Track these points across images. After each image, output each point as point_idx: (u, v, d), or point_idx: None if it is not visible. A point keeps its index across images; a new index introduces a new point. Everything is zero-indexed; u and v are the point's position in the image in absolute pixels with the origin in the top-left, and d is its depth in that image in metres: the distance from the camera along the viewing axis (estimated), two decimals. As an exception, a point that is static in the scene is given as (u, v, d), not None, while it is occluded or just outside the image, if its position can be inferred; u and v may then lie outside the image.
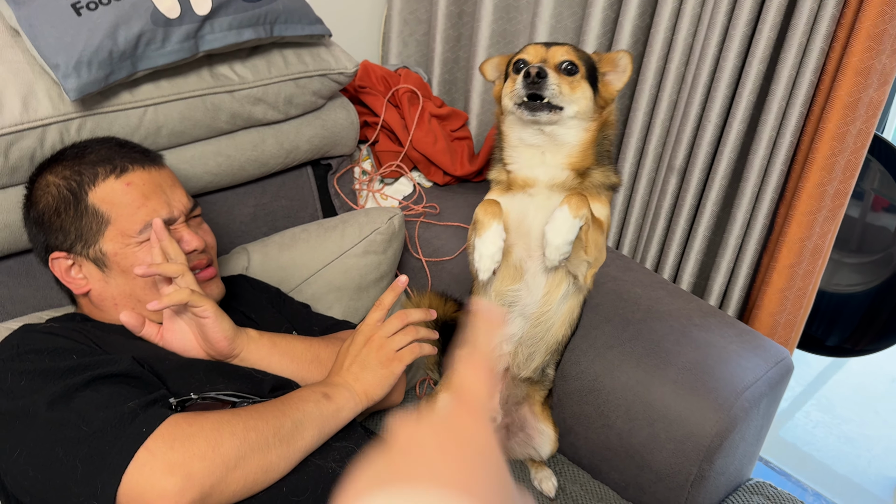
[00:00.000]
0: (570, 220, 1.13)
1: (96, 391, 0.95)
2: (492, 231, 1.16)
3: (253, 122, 1.55)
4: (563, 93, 1.18)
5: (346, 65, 1.62)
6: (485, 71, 1.35)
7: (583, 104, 1.21)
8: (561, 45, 1.24)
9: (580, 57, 1.23)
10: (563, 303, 1.29)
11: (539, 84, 1.15)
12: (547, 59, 1.22)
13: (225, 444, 0.93)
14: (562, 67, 1.20)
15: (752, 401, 1.39)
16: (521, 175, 1.26)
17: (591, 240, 1.19)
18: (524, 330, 1.31)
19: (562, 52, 1.22)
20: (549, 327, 1.30)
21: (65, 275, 1.17)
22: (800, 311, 1.77)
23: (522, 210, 1.24)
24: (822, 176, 1.58)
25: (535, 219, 1.23)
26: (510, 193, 1.27)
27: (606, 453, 1.48)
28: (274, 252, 1.58)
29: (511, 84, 1.23)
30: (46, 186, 1.17)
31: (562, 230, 1.13)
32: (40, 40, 1.23)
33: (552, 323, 1.30)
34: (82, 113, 1.28)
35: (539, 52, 1.23)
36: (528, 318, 1.29)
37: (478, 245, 1.17)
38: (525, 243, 1.23)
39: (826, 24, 1.49)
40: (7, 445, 0.94)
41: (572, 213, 1.13)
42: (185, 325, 1.14)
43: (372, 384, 1.14)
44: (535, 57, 1.23)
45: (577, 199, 1.14)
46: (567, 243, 1.14)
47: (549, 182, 1.24)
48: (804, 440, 2.49)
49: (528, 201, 1.24)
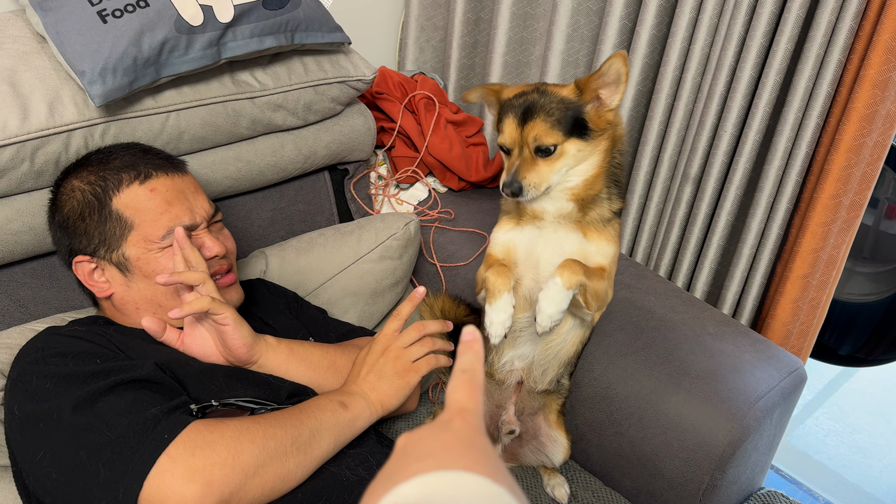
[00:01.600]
0: (563, 292, 1.16)
1: (120, 396, 0.96)
2: (503, 301, 1.20)
3: (272, 128, 1.57)
4: (543, 179, 1.21)
5: (365, 72, 1.63)
6: (469, 99, 1.35)
7: (570, 163, 1.23)
8: (533, 117, 1.19)
9: (555, 122, 1.18)
10: (572, 331, 1.32)
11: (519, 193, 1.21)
12: (523, 143, 1.21)
13: (245, 452, 0.94)
14: (538, 151, 1.21)
15: (765, 410, 1.40)
16: (529, 206, 1.29)
17: (591, 295, 1.23)
18: (535, 351, 1.33)
19: (535, 132, 1.19)
20: (560, 349, 1.33)
21: (88, 278, 1.19)
22: (813, 321, 1.77)
23: (532, 242, 1.27)
24: (837, 187, 1.58)
25: (544, 251, 1.26)
26: (520, 226, 1.30)
27: (619, 461, 1.48)
28: (291, 256, 1.59)
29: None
30: (72, 191, 1.19)
31: (555, 300, 1.16)
32: (66, 47, 1.25)
33: (563, 346, 1.33)
34: (106, 118, 1.30)
35: (514, 135, 1.22)
36: (538, 342, 1.32)
37: (489, 312, 1.21)
38: (534, 274, 1.26)
39: (844, 36, 1.49)
40: (31, 447, 0.96)
41: (565, 285, 1.16)
42: (206, 331, 1.16)
43: (388, 394, 1.15)
44: (511, 142, 1.23)
45: (570, 270, 1.17)
46: (559, 312, 1.17)
47: (556, 213, 1.27)
48: (816, 448, 2.48)
49: (536, 234, 1.28)
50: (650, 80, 1.85)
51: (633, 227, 2.01)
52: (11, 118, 1.20)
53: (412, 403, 1.36)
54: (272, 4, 1.42)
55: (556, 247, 1.25)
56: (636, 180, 1.93)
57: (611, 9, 1.76)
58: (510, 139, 1.23)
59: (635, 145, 1.94)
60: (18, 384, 1.01)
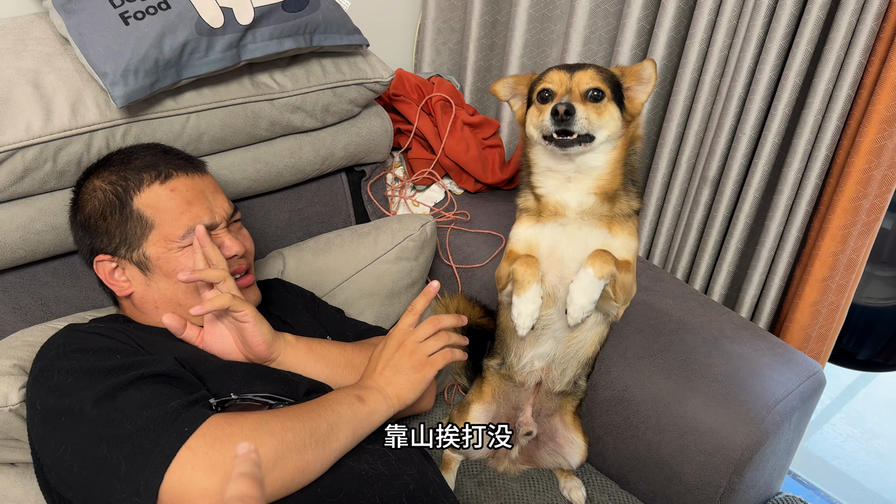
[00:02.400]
0: (595, 282, 1.16)
1: (140, 390, 0.97)
2: (531, 292, 1.20)
3: (291, 130, 1.58)
4: (592, 122, 1.18)
5: (382, 74, 1.64)
6: (497, 91, 1.34)
7: (612, 127, 1.21)
8: (584, 68, 1.22)
9: (605, 78, 1.21)
10: (594, 328, 1.31)
11: (568, 120, 1.15)
12: (571, 86, 1.20)
13: (264, 445, 0.95)
14: (588, 95, 1.20)
15: (784, 414, 1.39)
16: (551, 200, 1.27)
17: (619, 286, 1.22)
18: (556, 350, 1.33)
19: (587, 79, 1.20)
20: (580, 347, 1.32)
21: (108, 277, 1.20)
22: (832, 324, 1.76)
23: (554, 239, 1.26)
24: (857, 190, 1.57)
25: (568, 247, 1.25)
26: (541, 223, 1.28)
27: (635, 464, 1.48)
28: (308, 257, 1.60)
29: (536, 113, 1.23)
30: (93, 191, 1.20)
31: (587, 290, 1.16)
32: (89, 49, 1.26)
33: (583, 344, 1.32)
34: (128, 119, 1.31)
35: (563, 79, 1.21)
36: (560, 340, 1.31)
37: (517, 303, 1.21)
38: (558, 271, 1.26)
39: (864, 38, 1.48)
40: (52, 441, 0.97)
41: (597, 275, 1.16)
42: (226, 328, 1.16)
43: (404, 388, 1.15)
44: (559, 85, 1.21)
45: (601, 259, 1.17)
46: (591, 302, 1.17)
47: (578, 208, 1.26)
48: (833, 454, 2.46)
49: (559, 230, 1.27)
50: (668, 83, 1.84)
51: (651, 230, 2.00)
52: (35, 119, 1.22)
53: (428, 402, 1.36)
54: (291, 7, 1.43)
55: (581, 242, 1.23)
56: (654, 182, 1.92)
57: (629, 10, 1.75)
58: (557, 83, 1.21)
59: (653, 147, 1.93)
60: (40, 380, 1.03)
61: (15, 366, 1.14)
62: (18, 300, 1.34)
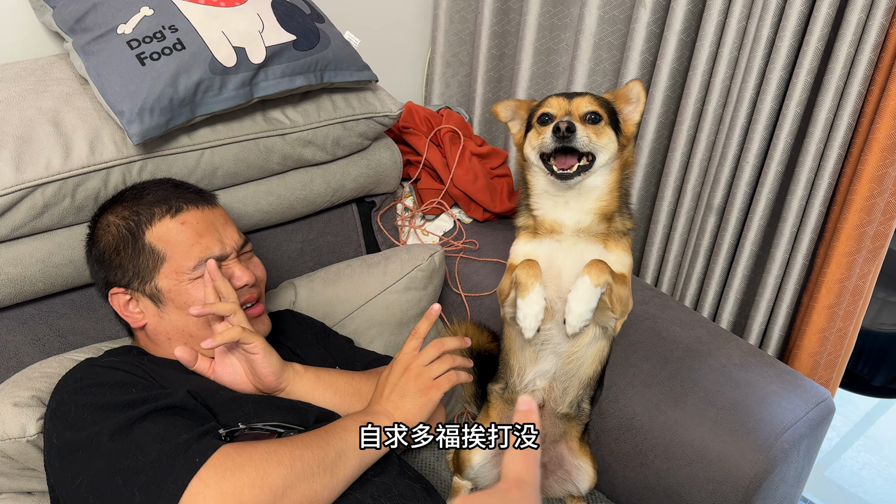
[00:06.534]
0: (591, 290, 1.18)
1: (153, 423, 0.99)
2: (535, 292, 1.22)
3: (302, 163, 1.62)
4: (593, 141, 1.23)
5: (391, 108, 1.68)
6: (498, 112, 1.39)
7: (611, 148, 1.26)
8: (581, 95, 1.28)
9: (601, 104, 1.27)
10: (593, 343, 1.32)
11: (569, 137, 1.20)
12: (571, 110, 1.26)
13: (273, 474, 0.96)
14: (586, 118, 1.25)
15: (793, 442, 1.39)
16: (548, 218, 1.31)
17: (616, 298, 1.24)
18: (557, 367, 1.34)
19: (584, 103, 1.26)
20: (580, 364, 1.33)
21: (123, 309, 1.23)
22: (841, 351, 1.76)
23: (551, 254, 1.29)
24: (861, 217, 1.58)
25: (565, 262, 1.27)
26: (538, 239, 1.31)
27: (644, 492, 1.48)
28: (319, 287, 1.63)
29: (536, 135, 1.27)
30: (107, 226, 1.24)
31: (584, 298, 1.18)
32: (107, 89, 1.31)
33: (583, 361, 1.33)
34: (144, 155, 1.35)
35: (562, 104, 1.27)
36: (560, 355, 1.32)
37: (521, 306, 1.22)
38: (555, 286, 1.27)
39: (863, 68, 1.50)
40: (69, 474, 0.99)
41: (594, 283, 1.18)
42: (236, 360, 1.19)
43: (411, 412, 1.16)
44: (558, 109, 1.27)
45: (597, 268, 1.19)
46: (589, 310, 1.19)
47: (575, 226, 1.29)
48: (851, 482, 2.43)
49: (556, 246, 1.29)
50: (672, 113, 1.87)
51: (658, 258, 2.01)
52: (55, 156, 1.26)
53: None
54: (302, 45, 1.47)
55: (577, 258, 1.26)
56: (660, 210, 1.94)
57: (632, 43, 1.78)
58: (557, 107, 1.27)
59: (658, 176, 1.95)
60: (57, 414, 1.05)
61: (33, 397, 1.17)
62: (37, 331, 1.37)
